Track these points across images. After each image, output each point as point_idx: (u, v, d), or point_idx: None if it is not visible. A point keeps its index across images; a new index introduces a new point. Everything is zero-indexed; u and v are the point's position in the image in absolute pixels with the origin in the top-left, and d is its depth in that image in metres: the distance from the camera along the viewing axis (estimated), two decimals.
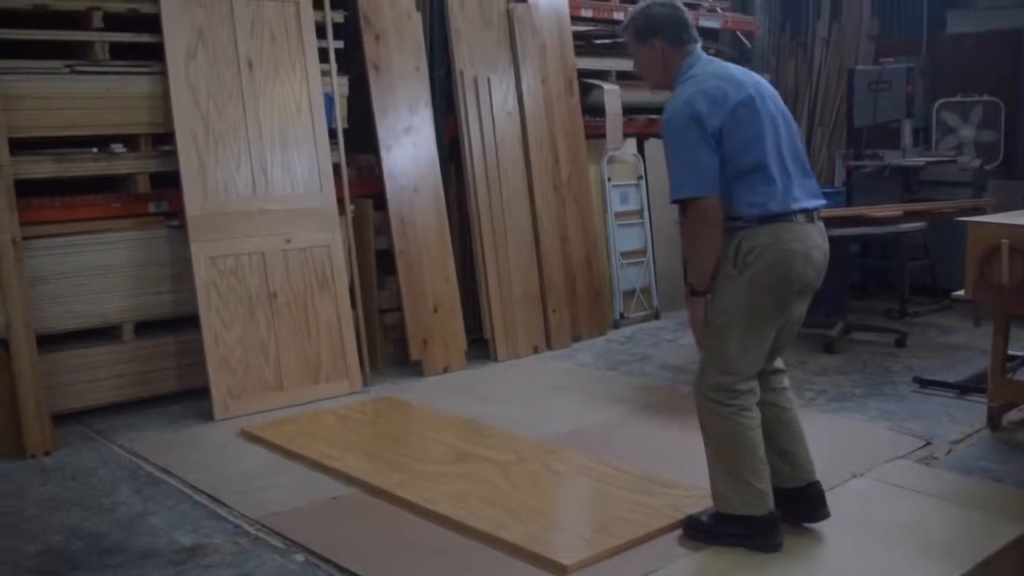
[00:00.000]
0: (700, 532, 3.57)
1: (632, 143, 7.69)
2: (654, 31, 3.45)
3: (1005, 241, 4.44)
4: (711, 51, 8.31)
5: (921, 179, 7.77)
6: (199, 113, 5.32)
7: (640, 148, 7.77)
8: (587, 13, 7.35)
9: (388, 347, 6.29)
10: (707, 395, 3.43)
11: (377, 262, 6.19)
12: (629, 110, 7.54)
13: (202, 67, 5.35)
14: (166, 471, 4.45)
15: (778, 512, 3.48)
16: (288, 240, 5.55)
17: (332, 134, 5.84)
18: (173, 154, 5.27)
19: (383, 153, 6.07)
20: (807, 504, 3.63)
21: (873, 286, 8.17)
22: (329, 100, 5.84)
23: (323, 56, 5.83)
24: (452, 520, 3.76)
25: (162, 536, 3.76)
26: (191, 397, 5.41)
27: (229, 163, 5.40)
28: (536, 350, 6.57)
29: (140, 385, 5.35)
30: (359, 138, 6.12)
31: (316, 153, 5.72)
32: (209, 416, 5.19)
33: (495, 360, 6.37)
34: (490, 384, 5.89)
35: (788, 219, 3.33)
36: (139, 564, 3.52)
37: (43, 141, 5.04)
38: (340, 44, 5.97)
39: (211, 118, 5.36)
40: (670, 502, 3.86)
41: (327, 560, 3.50)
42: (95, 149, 5.17)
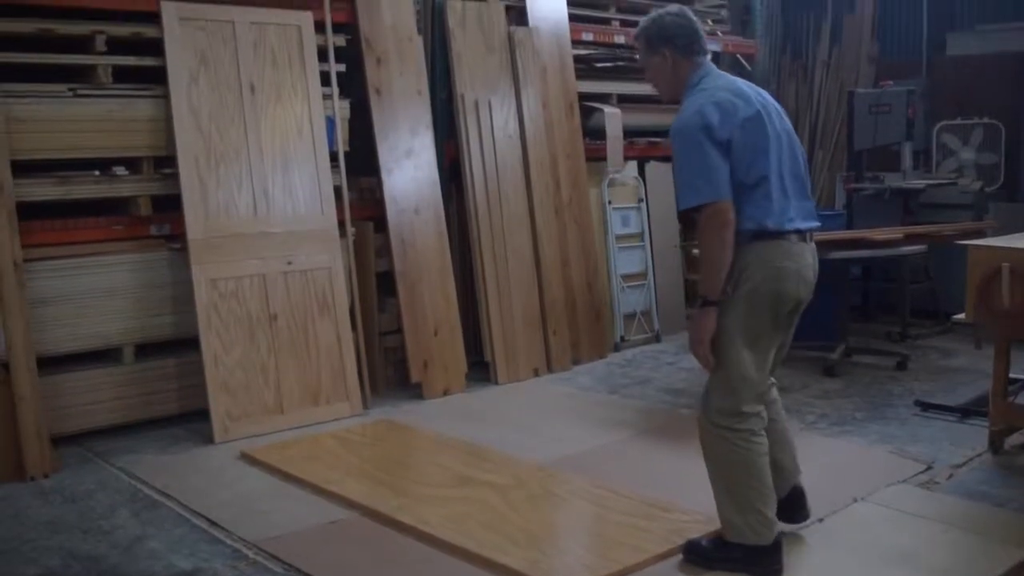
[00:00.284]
0: (700, 557, 3.56)
1: (633, 166, 7.71)
2: (665, 40, 3.50)
3: (1006, 264, 4.44)
4: None
5: (922, 201, 7.79)
6: (201, 136, 5.34)
7: (641, 171, 7.78)
8: (588, 36, 7.38)
9: (388, 370, 6.28)
10: (715, 421, 3.42)
11: (378, 284, 6.19)
12: (630, 133, 7.57)
13: (204, 90, 5.37)
14: (165, 494, 4.44)
15: (781, 537, 3.48)
16: (289, 262, 5.56)
17: (333, 157, 5.86)
18: (175, 177, 5.29)
19: (384, 176, 6.09)
20: (789, 508, 3.69)
21: (874, 309, 8.16)
22: (331, 123, 5.86)
23: (325, 79, 5.85)
24: (451, 544, 3.75)
25: (160, 560, 3.75)
26: (191, 419, 5.41)
27: (231, 186, 5.41)
28: (536, 373, 6.56)
29: (140, 407, 5.35)
30: (360, 161, 6.14)
31: (317, 176, 5.73)
32: (209, 439, 5.18)
33: (495, 383, 6.36)
34: (490, 407, 5.89)
35: (782, 237, 3.36)
36: None
37: (46, 163, 5.06)
38: (342, 67, 6.00)
39: (213, 141, 5.38)
40: (670, 527, 3.85)
41: None
42: (97, 172, 5.19)
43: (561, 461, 4.76)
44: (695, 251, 6.76)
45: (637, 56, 3.76)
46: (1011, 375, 4.82)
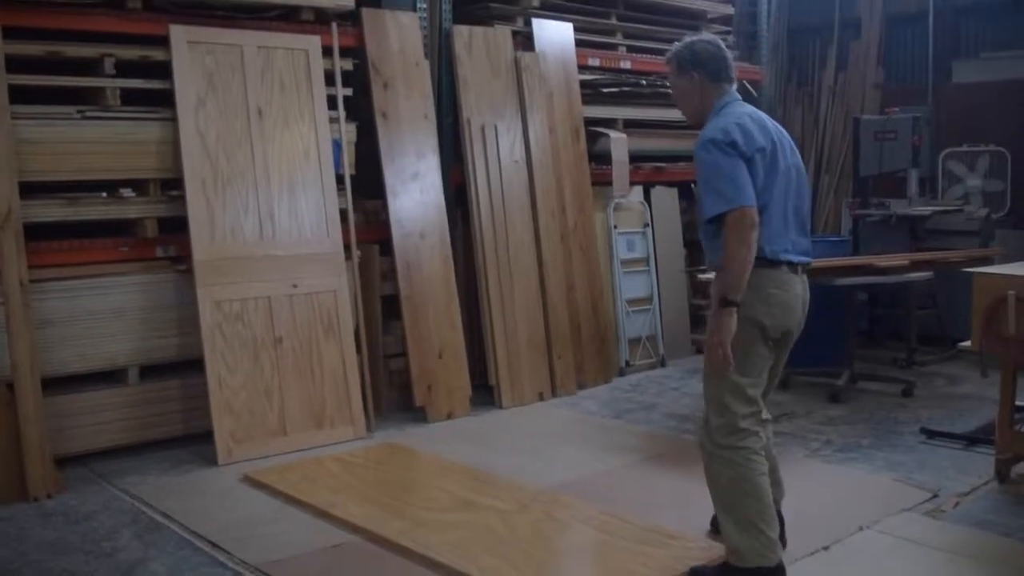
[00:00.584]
0: None
1: (638, 191, 7.72)
2: (696, 64, 3.67)
3: (1012, 292, 4.43)
4: None
5: (928, 228, 7.78)
6: (208, 159, 5.36)
7: (646, 196, 7.80)
8: (594, 62, 7.41)
9: (392, 393, 6.28)
10: (716, 442, 3.52)
11: (383, 307, 6.20)
12: (635, 158, 7.59)
13: (212, 114, 5.40)
14: (168, 516, 4.43)
15: (783, 563, 3.50)
16: (294, 285, 5.57)
17: (340, 180, 5.88)
18: (181, 199, 5.31)
19: (390, 199, 6.11)
20: None
21: (880, 335, 8.15)
22: (337, 147, 5.88)
23: (332, 103, 5.88)
24: (453, 569, 3.73)
25: None
26: (195, 441, 5.40)
27: (237, 208, 5.43)
28: (541, 397, 6.55)
29: (144, 429, 5.34)
30: (366, 184, 6.15)
31: (323, 199, 5.75)
32: (212, 461, 5.18)
33: (500, 407, 6.35)
34: (494, 431, 5.87)
35: (775, 267, 3.51)
36: None
37: (54, 185, 5.09)
38: (349, 92, 6.03)
39: (220, 164, 5.40)
40: (675, 554, 3.83)
41: None
42: (104, 193, 5.22)
43: (565, 486, 4.74)
44: (700, 276, 6.77)
45: (667, 79, 3.99)
46: (1018, 403, 4.80)
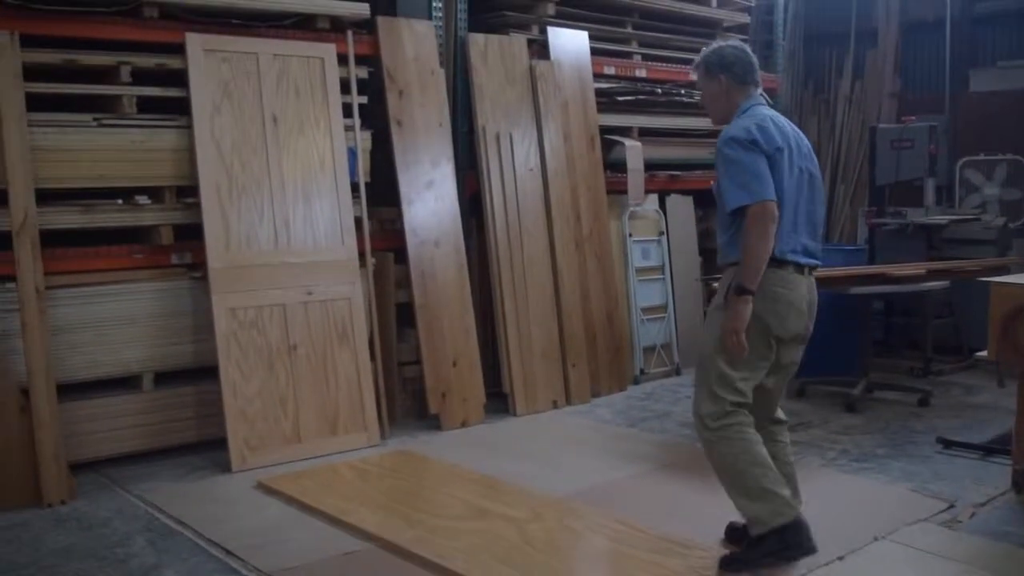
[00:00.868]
0: (738, 563, 3.73)
1: (654, 199, 7.70)
2: (723, 67, 3.86)
3: None
4: None
5: (944, 237, 7.74)
6: (223, 166, 5.38)
7: (661, 204, 7.78)
8: (610, 70, 7.41)
9: (407, 400, 6.28)
10: (708, 426, 3.74)
11: (397, 315, 6.20)
12: (651, 166, 7.57)
13: (227, 121, 5.42)
14: (181, 523, 4.44)
15: (803, 516, 3.74)
16: (309, 293, 5.58)
17: (355, 188, 5.89)
18: (197, 206, 5.33)
19: (405, 207, 6.11)
20: (794, 540, 3.78)
21: (897, 344, 8.10)
22: (352, 154, 5.90)
23: (347, 111, 5.90)
24: None
25: None
26: (209, 448, 5.41)
27: (252, 216, 5.45)
28: (555, 405, 6.54)
29: (158, 435, 5.35)
30: (381, 192, 6.17)
31: (338, 207, 5.76)
32: (226, 467, 5.18)
33: (514, 415, 6.34)
34: (508, 439, 5.86)
35: (781, 266, 3.67)
36: None
37: (69, 192, 5.11)
38: (364, 99, 6.05)
39: (235, 171, 5.42)
40: (688, 563, 3.81)
41: None
42: (120, 200, 5.24)
43: (578, 494, 4.73)
44: (715, 285, 6.73)
45: (695, 81, 4.17)
46: None
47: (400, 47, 6.18)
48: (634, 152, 7.32)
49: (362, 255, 5.87)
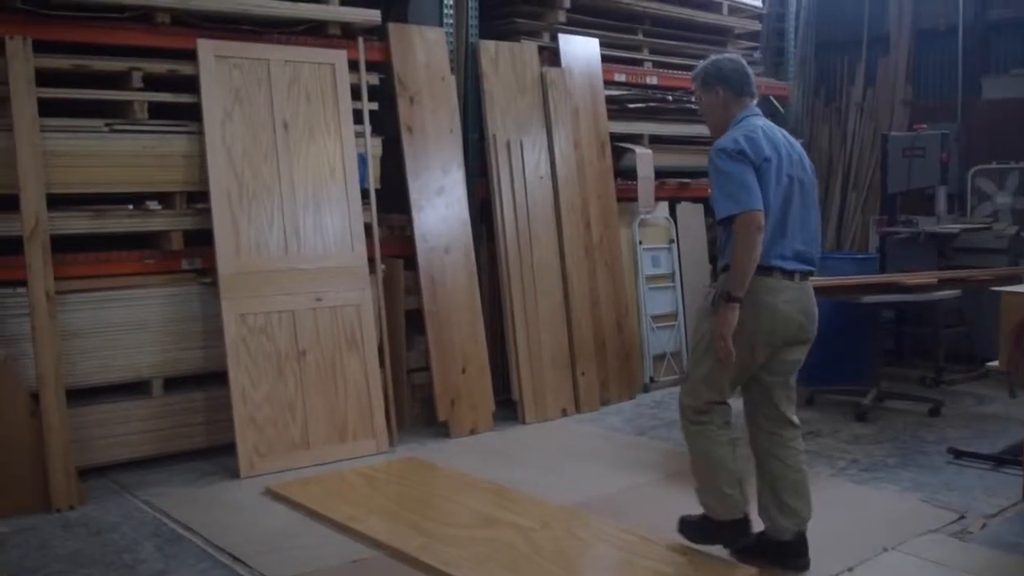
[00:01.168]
0: (690, 531, 4.05)
1: (664, 207, 7.69)
2: (720, 80, 4.00)
3: None
4: None
5: (956, 246, 7.71)
6: (234, 172, 5.39)
7: (672, 212, 7.76)
8: (620, 78, 7.40)
9: (416, 407, 6.27)
10: (688, 417, 3.95)
11: (407, 322, 6.20)
12: (661, 174, 7.56)
13: (238, 127, 5.43)
14: (189, 528, 4.44)
15: (749, 514, 3.96)
16: (318, 299, 5.58)
17: (365, 194, 5.89)
18: (207, 212, 5.34)
19: (415, 214, 6.12)
20: (791, 554, 3.91)
21: (908, 353, 8.07)
22: (362, 160, 5.90)
23: (357, 118, 5.90)
24: None
25: None
26: (218, 453, 5.41)
27: (262, 222, 5.46)
28: (564, 413, 6.53)
29: (167, 441, 5.36)
30: (391, 198, 6.17)
31: (348, 213, 5.77)
32: (235, 473, 5.18)
33: (523, 422, 6.33)
34: (517, 447, 5.85)
35: (766, 273, 3.75)
36: None
37: (80, 197, 5.13)
38: (374, 106, 6.05)
39: (245, 177, 5.43)
40: (695, 573, 3.79)
41: None
42: (131, 206, 5.25)
43: (587, 503, 4.72)
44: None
45: (692, 95, 4.35)
46: None
47: (411, 54, 6.19)
48: (644, 159, 7.31)
49: (372, 261, 5.87)
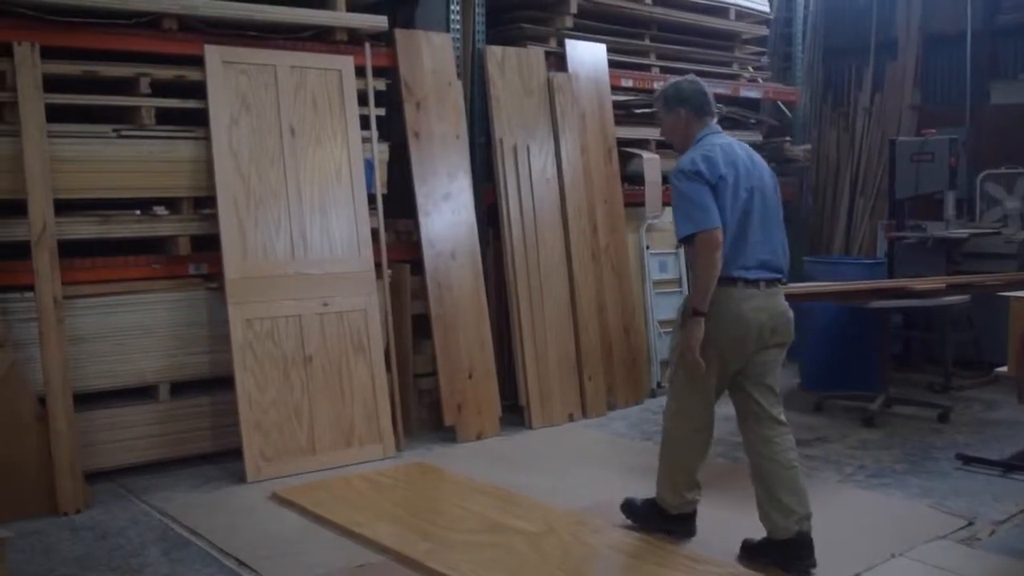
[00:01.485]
0: (633, 515, 4.39)
1: (671, 212, 7.66)
2: (681, 101, 4.17)
3: None
4: (751, 120, 8.39)
5: (965, 251, 7.68)
6: (241, 178, 5.40)
7: None
8: (627, 83, 7.39)
9: (422, 412, 6.27)
10: (668, 417, 4.23)
11: (413, 327, 6.20)
12: (668, 179, 7.53)
13: (245, 133, 5.44)
14: (195, 533, 4.45)
15: (696, 510, 4.29)
16: (325, 304, 5.58)
17: (371, 199, 5.90)
18: (214, 217, 5.35)
19: (421, 219, 6.12)
20: (792, 555, 3.92)
21: (916, 358, 8.05)
22: (369, 166, 5.91)
23: (364, 123, 5.91)
24: None
25: None
26: (224, 458, 5.42)
27: (269, 227, 5.46)
28: (571, 418, 6.52)
29: (174, 445, 5.37)
30: (398, 204, 6.17)
31: (355, 218, 5.77)
32: (241, 478, 5.19)
33: (529, 427, 6.32)
34: (523, 452, 5.85)
35: (730, 283, 3.90)
36: None
37: (88, 202, 5.14)
38: (381, 111, 6.06)
39: (252, 183, 5.43)
40: None
41: None
42: (138, 211, 5.27)
43: (593, 508, 4.70)
44: None
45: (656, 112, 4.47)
46: None
47: (418, 59, 6.19)
48: (652, 164, 7.30)
49: (378, 266, 5.87)
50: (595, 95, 7.04)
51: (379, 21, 5.96)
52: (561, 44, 6.97)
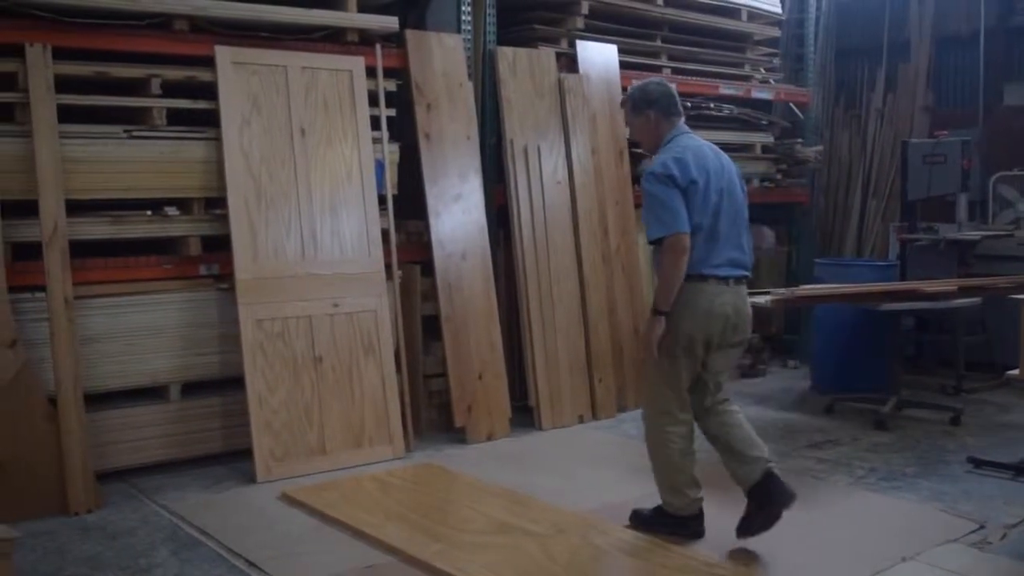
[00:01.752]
0: (641, 523, 4.37)
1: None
2: (649, 103, 4.28)
3: None
4: (763, 121, 8.36)
5: (977, 253, 7.65)
6: (251, 178, 5.41)
7: None
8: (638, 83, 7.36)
9: (432, 413, 6.28)
10: (652, 421, 4.27)
11: (423, 328, 6.20)
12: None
13: (256, 133, 5.45)
14: (205, 533, 4.45)
15: (703, 506, 4.32)
16: (335, 304, 5.59)
17: (382, 200, 5.90)
18: (225, 218, 5.36)
19: (432, 220, 6.12)
20: (762, 495, 4.17)
21: (928, 361, 8.01)
22: (380, 166, 5.91)
23: (375, 124, 5.91)
24: None
25: None
26: (235, 458, 5.43)
27: (279, 228, 5.47)
28: (581, 419, 6.51)
29: (185, 445, 5.38)
30: (408, 204, 6.17)
31: (365, 219, 5.78)
32: (251, 478, 5.19)
33: (539, 428, 6.32)
34: (533, 453, 5.84)
35: (702, 280, 4.06)
36: None
37: (99, 203, 5.16)
38: (392, 112, 6.06)
39: (263, 183, 5.44)
40: None
41: None
42: (149, 211, 5.28)
43: (602, 510, 4.69)
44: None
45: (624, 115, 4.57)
46: None
47: (429, 60, 6.20)
48: None
49: (389, 267, 5.88)
50: (606, 96, 7.03)
51: (390, 22, 5.96)
52: (572, 45, 6.96)
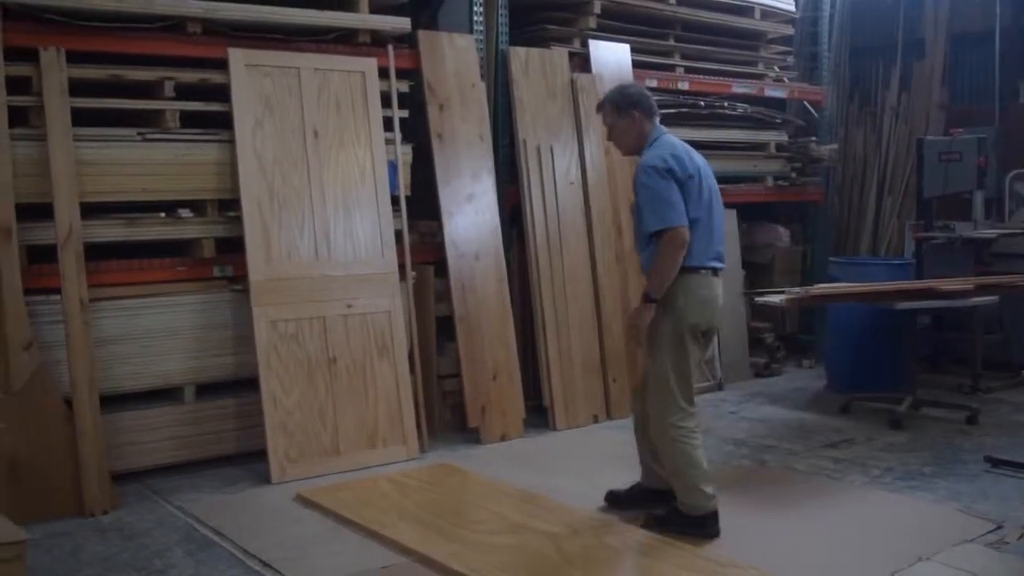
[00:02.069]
0: (658, 524, 4.36)
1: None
2: (633, 104, 4.40)
3: None
4: (777, 120, 8.34)
5: (994, 251, 7.60)
6: (265, 180, 5.42)
7: None
8: (651, 83, 7.34)
9: (446, 413, 6.28)
10: (669, 422, 4.28)
11: (437, 328, 6.21)
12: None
13: (269, 135, 5.46)
14: (220, 534, 4.46)
15: (718, 505, 4.32)
16: (349, 305, 5.60)
17: (395, 201, 5.90)
18: (238, 219, 5.38)
19: (445, 220, 6.12)
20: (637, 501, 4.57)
21: (944, 360, 7.97)
22: (393, 167, 5.91)
23: (387, 125, 5.92)
24: None
25: None
26: (249, 459, 5.44)
27: (293, 229, 5.48)
28: (596, 419, 6.50)
29: (199, 447, 5.40)
30: (422, 205, 6.18)
31: (379, 220, 5.78)
32: (266, 479, 5.20)
33: (553, 428, 6.31)
34: (547, 453, 5.83)
35: (699, 272, 4.24)
36: None
37: (113, 205, 5.18)
38: (405, 113, 6.07)
39: (276, 185, 5.45)
40: None
41: None
42: (163, 214, 5.30)
43: (616, 510, 4.68)
44: (759, 300, 6.68)
45: (604, 119, 4.60)
46: None
47: (441, 61, 6.20)
48: None
49: (402, 268, 5.88)
50: None
51: (402, 23, 5.97)
52: (585, 45, 6.95)
